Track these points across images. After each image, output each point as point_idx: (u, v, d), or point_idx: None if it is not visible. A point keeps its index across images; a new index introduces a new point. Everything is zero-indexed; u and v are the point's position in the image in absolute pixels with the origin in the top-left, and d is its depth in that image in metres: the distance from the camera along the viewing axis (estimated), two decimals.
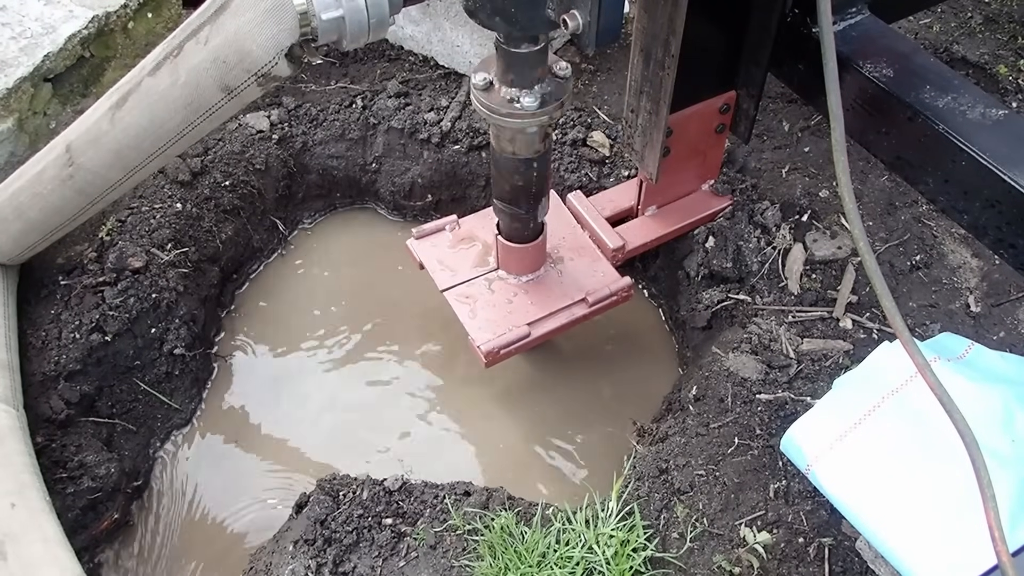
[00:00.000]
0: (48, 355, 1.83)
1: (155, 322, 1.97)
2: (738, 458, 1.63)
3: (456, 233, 2.00)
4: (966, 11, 2.45)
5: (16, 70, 2.15)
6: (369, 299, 2.29)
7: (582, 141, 2.25)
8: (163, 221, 2.07)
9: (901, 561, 1.32)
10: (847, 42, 1.54)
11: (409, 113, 2.33)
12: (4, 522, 1.50)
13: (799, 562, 1.51)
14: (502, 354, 1.80)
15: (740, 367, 1.76)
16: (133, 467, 1.91)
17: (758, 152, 2.19)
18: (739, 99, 1.81)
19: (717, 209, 2.02)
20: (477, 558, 1.54)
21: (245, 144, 2.27)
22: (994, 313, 1.85)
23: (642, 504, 1.61)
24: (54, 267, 1.95)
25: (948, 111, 1.42)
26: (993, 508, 1.08)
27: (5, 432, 1.64)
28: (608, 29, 1.23)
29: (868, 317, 1.83)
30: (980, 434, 1.14)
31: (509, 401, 2.09)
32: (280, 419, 2.07)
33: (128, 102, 1.44)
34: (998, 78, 2.27)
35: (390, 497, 1.65)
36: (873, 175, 2.08)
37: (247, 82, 1.30)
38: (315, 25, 1.18)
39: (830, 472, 1.42)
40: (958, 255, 1.94)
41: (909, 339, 1.21)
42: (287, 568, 1.56)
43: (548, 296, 1.89)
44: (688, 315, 2.04)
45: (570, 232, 2.01)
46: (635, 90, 1.70)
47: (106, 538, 1.84)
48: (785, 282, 1.91)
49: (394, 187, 2.41)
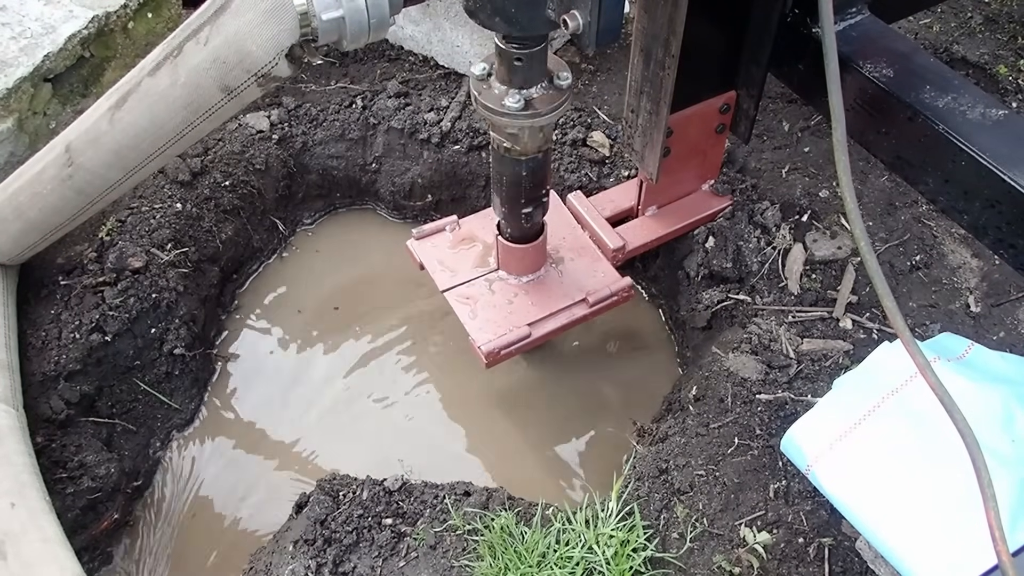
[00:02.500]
0: (48, 355, 1.83)
1: (155, 322, 1.97)
2: (738, 458, 1.63)
3: (456, 233, 2.00)
4: (966, 11, 2.45)
5: (16, 70, 2.14)
6: (369, 300, 2.30)
7: (582, 141, 2.25)
8: (163, 221, 2.07)
9: (901, 561, 1.32)
10: (847, 42, 1.54)
11: (409, 113, 2.33)
12: (4, 522, 1.50)
13: (799, 562, 1.51)
14: (502, 355, 1.80)
15: (740, 367, 1.76)
16: (133, 467, 1.91)
17: (758, 152, 2.19)
18: (739, 99, 1.81)
19: (717, 209, 2.02)
20: (477, 558, 1.54)
21: (245, 144, 2.27)
22: (994, 313, 1.85)
23: (642, 504, 1.61)
24: (54, 267, 1.95)
25: (948, 111, 1.42)
26: (993, 508, 1.08)
27: (5, 432, 1.64)
28: (608, 29, 1.23)
29: (868, 317, 1.83)
30: (980, 434, 1.14)
31: (509, 401, 2.09)
32: (280, 419, 2.07)
33: (128, 102, 1.44)
34: (998, 78, 2.27)
35: (390, 497, 1.65)
36: (873, 175, 2.08)
37: (247, 82, 1.30)
38: (315, 25, 1.18)
39: (830, 472, 1.42)
40: (958, 255, 1.94)
41: (910, 339, 1.21)
42: (287, 568, 1.56)
43: (548, 296, 1.89)
44: (688, 315, 2.04)
45: (570, 232, 2.01)
46: (635, 90, 1.70)
47: (106, 538, 1.84)
48: (785, 282, 1.91)
49: (394, 187, 2.41)
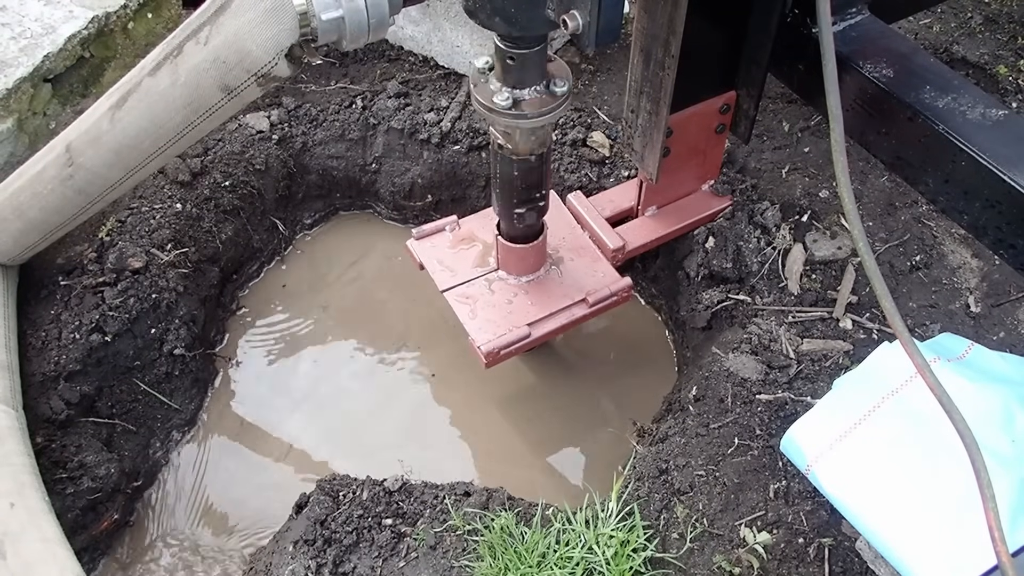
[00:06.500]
0: (48, 355, 1.83)
1: (155, 322, 1.97)
2: (738, 458, 1.63)
3: (456, 233, 2.00)
4: (966, 11, 2.45)
5: (16, 70, 2.15)
6: (369, 300, 2.30)
7: (582, 141, 2.25)
8: (163, 221, 2.07)
9: (901, 561, 1.32)
10: (847, 42, 1.54)
11: (409, 113, 2.33)
12: (3, 522, 1.50)
13: (799, 562, 1.51)
14: (502, 355, 1.80)
15: (740, 367, 1.76)
16: (133, 467, 1.91)
17: (758, 152, 2.19)
18: (739, 99, 1.81)
19: (717, 209, 2.02)
20: (477, 558, 1.54)
21: (245, 144, 2.27)
22: (994, 313, 1.85)
23: (642, 504, 1.61)
24: (54, 267, 1.95)
25: (948, 111, 1.42)
26: (993, 508, 1.08)
27: (4, 433, 1.64)
28: (608, 29, 1.23)
29: (868, 317, 1.83)
30: (980, 434, 1.14)
31: (509, 401, 2.09)
32: (280, 419, 2.07)
33: (128, 102, 1.44)
34: (998, 78, 2.27)
35: (390, 497, 1.65)
36: (873, 175, 2.08)
37: (247, 82, 1.30)
38: (315, 25, 1.18)
39: (830, 472, 1.42)
40: (958, 255, 1.94)
41: (909, 339, 1.21)
42: (287, 568, 1.56)
43: (548, 296, 1.89)
44: (688, 315, 2.04)
45: (570, 232, 2.01)
46: (635, 90, 1.70)
47: (106, 538, 1.84)
48: (785, 282, 1.91)
49: (394, 187, 2.41)
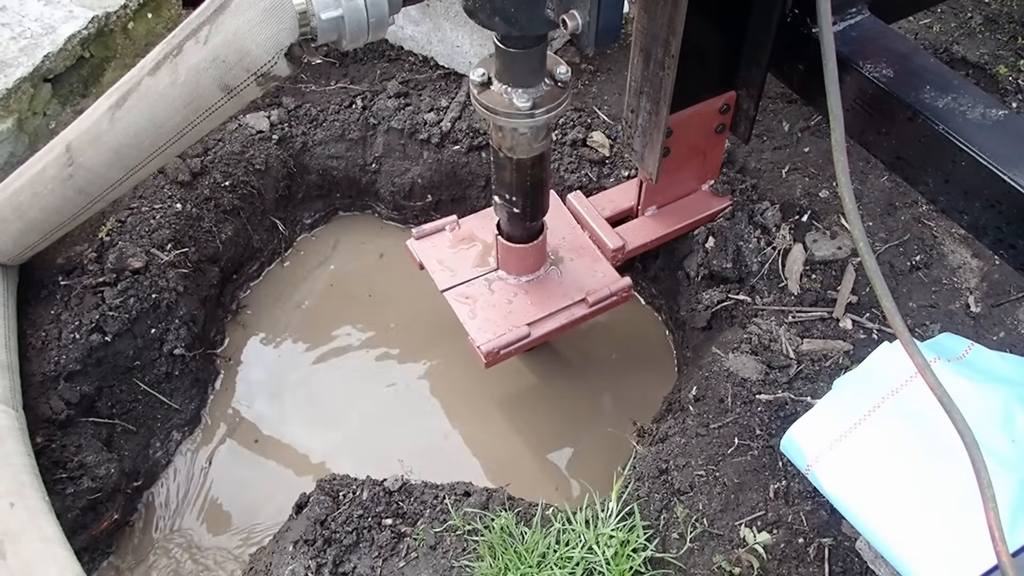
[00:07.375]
0: (48, 355, 1.83)
1: (155, 322, 1.97)
2: (738, 458, 1.63)
3: (456, 233, 1.99)
4: (966, 11, 2.45)
5: (16, 70, 2.15)
6: (369, 301, 2.30)
7: (582, 141, 2.25)
8: (163, 221, 2.07)
9: (901, 561, 1.32)
10: (847, 42, 1.54)
11: (409, 113, 2.33)
12: (3, 522, 1.50)
13: (799, 562, 1.51)
14: (502, 354, 1.80)
15: (740, 367, 1.76)
16: (133, 467, 1.91)
17: (758, 152, 2.19)
18: (739, 99, 1.81)
19: (717, 209, 2.02)
20: (477, 558, 1.54)
21: (245, 144, 2.27)
22: (994, 313, 1.85)
23: (642, 504, 1.61)
24: (54, 267, 1.95)
25: (948, 111, 1.42)
26: (993, 508, 1.08)
27: (4, 433, 1.64)
28: (607, 29, 1.23)
29: (868, 317, 1.83)
30: (980, 434, 1.13)
31: (509, 401, 2.09)
32: (280, 419, 2.07)
33: (128, 102, 1.44)
34: (998, 78, 2.27)
35: (390, 497, 1.65)
36: (873, 175, 2.08)
37: (246, 81, 1.30)
38: (314, 25, 1.18)
39: (830, 472, 1.42)
40: (958, 255, 1.94)
41: (909, 339, 1.21)
42: (287, 568, 1.56)
43: (548, 296, 1.88)
44: (688, 315, 2.04)
45: (570, 232, 2.01)
46: (635, 90, 1.70)
47: (106, 538, 1.84)
48: (785, 282, 1.91)
49: (394, 187, 2.41)
